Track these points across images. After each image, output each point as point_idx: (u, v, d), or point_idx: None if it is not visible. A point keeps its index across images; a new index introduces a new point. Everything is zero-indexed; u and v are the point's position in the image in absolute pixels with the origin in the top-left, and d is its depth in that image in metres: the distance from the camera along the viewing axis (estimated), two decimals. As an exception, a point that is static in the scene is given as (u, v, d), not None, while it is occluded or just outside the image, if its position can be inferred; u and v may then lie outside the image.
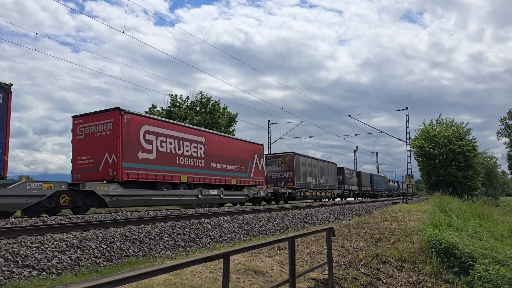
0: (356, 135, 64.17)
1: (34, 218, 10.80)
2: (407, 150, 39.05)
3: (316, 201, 34.37)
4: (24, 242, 7.06)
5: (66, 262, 6.96)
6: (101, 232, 8.62)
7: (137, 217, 11.21)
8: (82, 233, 8.28)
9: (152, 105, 35.40)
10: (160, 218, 11.07)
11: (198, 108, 35.98)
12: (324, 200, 36.29)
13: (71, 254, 7.26)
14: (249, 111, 60.22)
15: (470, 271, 7.69)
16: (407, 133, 39.16)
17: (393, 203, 35.18)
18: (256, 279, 5.71)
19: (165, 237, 9.65)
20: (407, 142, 39.24)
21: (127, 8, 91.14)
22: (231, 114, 37.74)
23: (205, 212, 14.14)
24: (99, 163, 15.22)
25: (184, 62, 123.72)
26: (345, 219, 18.90)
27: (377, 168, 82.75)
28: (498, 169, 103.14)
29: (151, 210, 16.53)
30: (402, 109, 39.86)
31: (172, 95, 36.18)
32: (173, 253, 8.98)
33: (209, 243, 10.44)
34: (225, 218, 13.07)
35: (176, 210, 16.54)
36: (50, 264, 6.70)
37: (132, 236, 8.99)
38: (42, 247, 7.08)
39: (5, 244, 6.80)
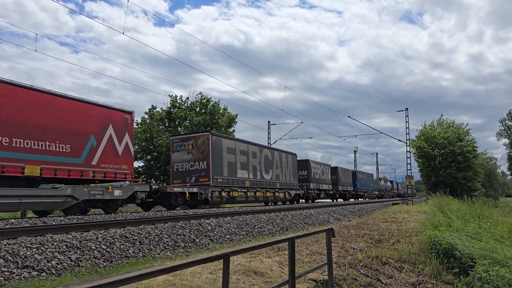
0: (356, 136, 63.62)
1: (34, 219, 10.80)
2: (407, 151, 39.14)
3: (267, 205, 25.25)
4: (24, 243, 7.06)
5: (66, 263, 6.96)
6: (101, 233, 8.63)
7: (137, 218, 11.22)
8: (82, 234, 8.29)
9: (152, 106, 35.48)
10: (160, 219, 11.08)
11: (198, 109, 36.00)
12: (279, 204, 27.29)
13: (71, 255, 7.25)
14: (249, 112, 60.53)
15: (470, 272, 7.68)
16: (407, 134, 39.28)
17: (393, 204, 35.22)
18: (256, 280, 5.71)
19: (165, 238, 9.66)
20: (407, 143, 39.32)
21: (127, 9, 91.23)
22: (231, 115, 37.76)
23: (205, 213, 14.16)
24: None
25: (184, 63, 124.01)
26: (345, 220, 18.90)
27: (377, 169, 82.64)
28: (498, 170, 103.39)
29: (151, 211, 16.50)
30: (402, 110, 39.98)
31: (172, 96, 36.35)
32: (173, 254, 8.98)
33: (209, 244, 10.45)
34: (225, 219, 13.08)
35: (176, 211, 16.53)
36: (50, 265, 6.70)
37: (132, 237, 8.99)
38: (42, 248, 7.08)
39: (5, 245, 6.80)
